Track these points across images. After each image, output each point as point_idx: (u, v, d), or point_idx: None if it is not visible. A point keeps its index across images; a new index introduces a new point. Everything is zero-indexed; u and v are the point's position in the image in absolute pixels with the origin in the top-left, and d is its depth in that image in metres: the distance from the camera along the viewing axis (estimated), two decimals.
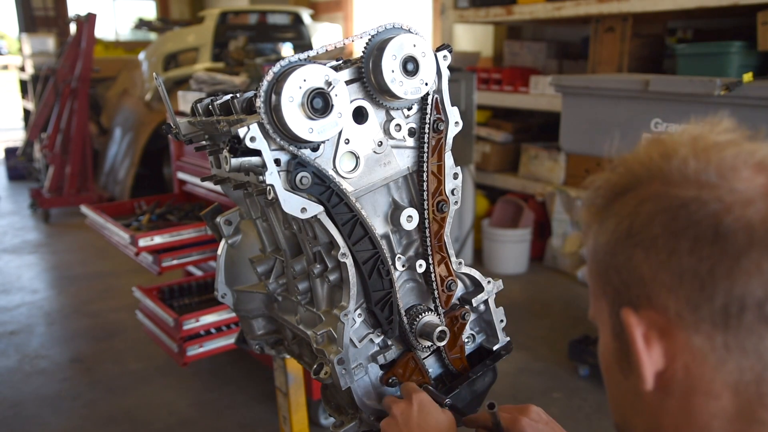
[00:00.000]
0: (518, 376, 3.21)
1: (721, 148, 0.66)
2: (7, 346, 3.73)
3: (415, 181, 1.14)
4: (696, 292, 0.63)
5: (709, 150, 0.66)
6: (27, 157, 7.75)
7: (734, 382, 0.64)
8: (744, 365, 0.63)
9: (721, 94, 2.72)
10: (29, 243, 5.82)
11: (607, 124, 3.35)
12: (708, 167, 0.64)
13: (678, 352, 0.65)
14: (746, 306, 0.61)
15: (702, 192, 0.63)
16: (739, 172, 0.64)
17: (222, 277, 1.37)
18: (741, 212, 0.62)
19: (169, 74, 6.56)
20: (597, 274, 0.73)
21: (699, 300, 0.63)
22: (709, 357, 0.64)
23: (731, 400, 0.64)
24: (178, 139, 1.26)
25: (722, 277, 0.61)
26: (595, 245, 0.72)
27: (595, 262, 0.73)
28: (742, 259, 0.61)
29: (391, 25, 1.08)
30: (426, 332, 1.15)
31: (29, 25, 11.59)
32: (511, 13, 4.88)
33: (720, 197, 0.63)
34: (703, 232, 0.62)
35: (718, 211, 0.62)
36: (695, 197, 0.63)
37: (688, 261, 0.63)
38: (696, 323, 0.63)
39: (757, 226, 0.61)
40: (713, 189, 0.63)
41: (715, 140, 0.67)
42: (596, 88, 3.42)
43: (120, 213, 3.30)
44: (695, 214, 0.63)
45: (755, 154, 0.65)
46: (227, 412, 3.00)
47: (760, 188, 0.63)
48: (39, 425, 2.95)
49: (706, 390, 0.65)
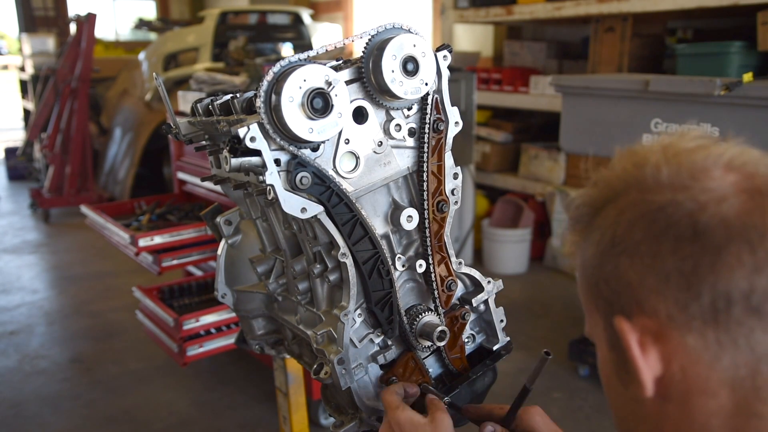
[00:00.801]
0: (518, 376, 3.21)
1: (691, 152, 0.68)
2: (7, 346, 3.73)
3: (415, 181, 1.14)
4: (683, 291, 0.64)
5: (679, 155, 0.68)
6: (27, 157, 7.76)
7: (730, 378, 0.64)
8: (738, 360, 0.63)
9: (721, 94, 2.72)
10: (29, 243, 5.82)
11: (607, 124, 3.35)
12: (680, 171, 0.67)
13: (673, 355, 0.65)
14: (733, 300, 0.62)
15: (677, 194, 0.65)
16: (710, 173, 0.66)
17: (222, 277, 1.37)
18: (716, 209, 0.63)
19: (169, 74, 6.56)
20: (587, 289, 0.74)
21: (687, 299, 0.64)
22: (704, 355, 0.64)
23: (728, 396, 0.65)
24: (178, 139, 1.26)
25: (706, 274, 0.63)
26: (583, 261, 0.74)
27: (585, 278, 0.74)
28: (723, 253, 0.62)
29: (391, 25, 1.08)
30: (426, 332, 1.15)
31: (29, 25, 11.59)
32: (511, 13, 4.89)
33: (694, 197, 0.64)
34: (682, 232, 0.64)
35: (694, 210, 0.64)
36: (671, 200, 0.65)
37: (672, 261, 0.64)
38: (687, 323, 0.64)
39: (733, 221, 0.62)
40: (687, 190, 0.65)
41: (685, 146, 0.69)
42: (596, 88, 3.42)
43: (120, 213, 3.30)
44: (673, 215, 0.64)
45: (724, 155, 0.67)
46: (227, 412, 3.01)
47: (732, 186, 0.64)
48: (39, 425, 2.95)
49: (703, 389, 0.65)
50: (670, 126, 2.98)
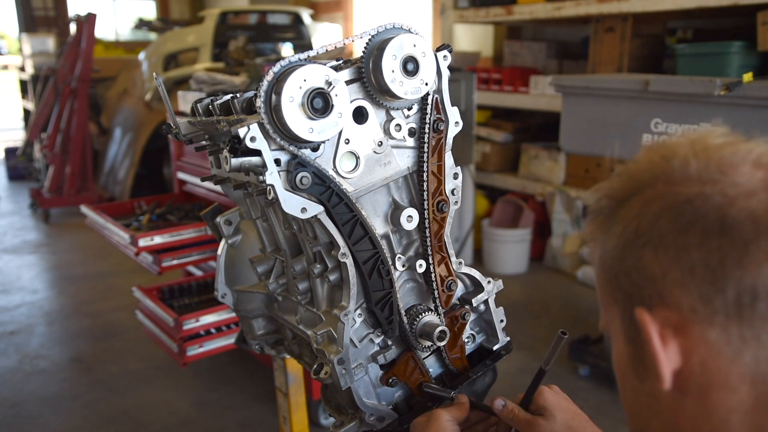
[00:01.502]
0: (518, 376, 3.21)
1: (720, 147, 0.68)
2: (7, 346, 3.73)
3: (415, 181, 1.14)
4: (708, 284, 0.63)
5: (708, 150, 0.68)
6: (27, 157, 7.76)
7: (751, 373, 0.64)
8: (760, 356, 0.63)
9: (721, 94, 2.72)
10: (29, 243, 5.82)
11: (607, 124, 3.35)
12: (709, 165, 0.66)
13: (694, 348, 0.65)
14: (758, 295, 0.62)
15: (705, 187, 0.65)
16: (739, 168, 0.65)
17: (222, 277, 1.37)
18: (745, 203, 0.63)
19: (169, 74, 6.56)
20: (606, 282, 0.73)
21: (711, 292, 0.63)
22: (725, 350, 0.64)
23: (748, 392, 0.64)
24: (178, 139, 1.26)
25: (733, 268, 0.62)
26: (603, 253, 0.73)
27: (604, 270, 0.73)
28: (750, 248, 0.62)
29: (391, 25, 1.08)
30: (426, 332, 1.15)
31: (29, 25, 11.59)
32: (511, 13, 4.88)
33: (723, 191, 0.64)
34: (710, 225, 0.63)
35: (723, 203, 0.64)
36: (699, 193, 0.65)
37: (698, 254, 0.64)
38: (710, 316, 0.64)
39: (762, 216, 0.62)
40: (716, 184, 0.65)
41: (713, 142, 0.69)
42: (596, 88, 3.42)
43: (120, 213, 3.30)
44: (700, 208, 0.64)
45: (752, 151, 0.67)
46: (227, 412, 3.00)
47: (761, 182, 0.65)
48: (39, 425, 2.95)
49: (723, 384, 0.65)
50: (670, 126, 2.98)
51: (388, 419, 1.18)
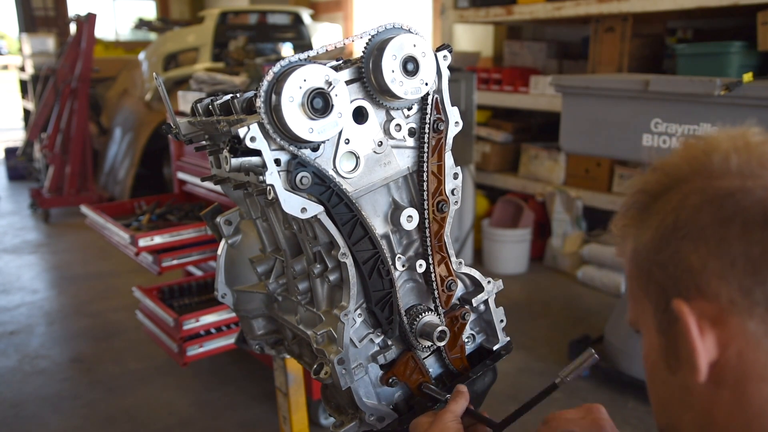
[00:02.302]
0: (518, 376, 3.21)
1: (760, 144, 0.69)
2: (7, 346, 3.73)
3: (415, 181, 1.14)
4: (749, 276, 0.64)
5: (749, 146, 0.69)
6: (27, 157, 7.75)
7: None
8: None
9: (721, 94, 2.72)
10: (29, 243, 5.82)
11: (607, 124, 3.35)
12: (750, 160, 0.67)
13: (731, 340, 0.65)
14: None
15: (746, 182, 0.66)
16: None
17: (222, 277, 1.37)
18: None
19: (169, 74, 6.56)
20: (638, 275, 0.74)
21: (752, 284, 0.64)
22: (763, 342, 0.64)
23: None
24: (178, 139, 1.26)
25: None
26: (636, 247, 0.73)
27: (636, 264, 0.74)
28: None
29: (391, 25, 1.08)
30: (426, 332, 1.15)
31: (29, 25, 11.59)
32: (511, 13, 4.88)
33: (765, 185, 0.65)
34: (752, 218, 0.64)
35: (765, 197, 0.64)
36: (740, 187, 0.66)
37: (739, 246, 0.64)
38: (749, 308, 0.64)
39: None
40: (757, 179, 0.66)
41: (753, 139, 0.70)
42: (596, 88, 3.41)
43: (120, 213, 3.30)
44: (742, 201, 0.65)
45: None
46: (227, 412, 3.00)
47: None
48: (39, 425, 2.95)
49: (761, 375, 0.65)
50: (670, 126, 2.97)
51: (388, 419, 1.18)
